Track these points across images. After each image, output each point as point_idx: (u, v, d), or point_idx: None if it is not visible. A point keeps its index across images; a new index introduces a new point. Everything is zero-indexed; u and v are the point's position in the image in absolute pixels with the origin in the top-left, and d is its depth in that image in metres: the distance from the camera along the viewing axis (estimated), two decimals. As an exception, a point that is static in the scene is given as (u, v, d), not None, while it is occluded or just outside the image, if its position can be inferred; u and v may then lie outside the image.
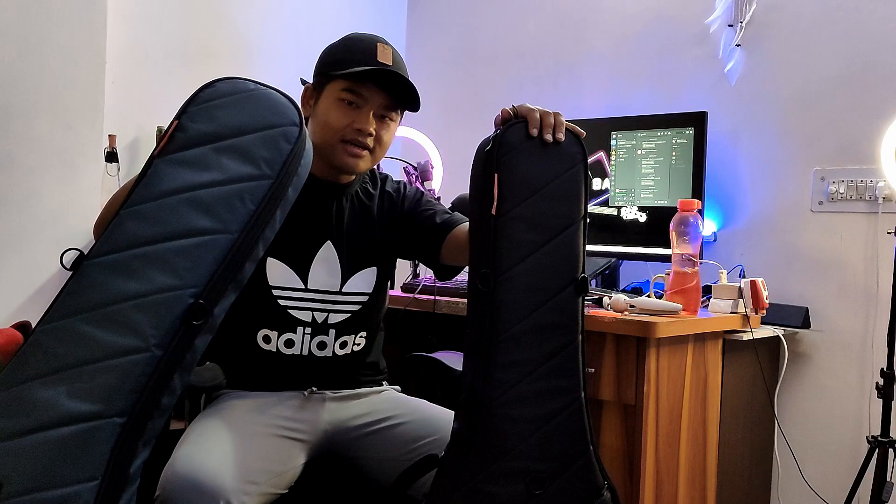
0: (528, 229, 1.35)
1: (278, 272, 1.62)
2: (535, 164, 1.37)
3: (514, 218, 1.35)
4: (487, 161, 1.36)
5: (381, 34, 1.66)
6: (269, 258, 1.61)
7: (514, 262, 1.34)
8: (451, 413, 1.42)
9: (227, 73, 2.95)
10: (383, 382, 1.79)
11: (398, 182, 1.80)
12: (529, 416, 1.34)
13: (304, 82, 1.68)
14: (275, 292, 1.61)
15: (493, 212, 1.34)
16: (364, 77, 1.56)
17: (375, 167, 1.76)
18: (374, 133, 1.59)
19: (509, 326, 1.34)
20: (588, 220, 1.41)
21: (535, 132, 1.38)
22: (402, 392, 1.80)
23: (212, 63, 2.92)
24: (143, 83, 2.76)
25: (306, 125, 1.68)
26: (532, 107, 1.40)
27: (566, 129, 1.41)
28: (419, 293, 2.30)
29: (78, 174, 2.49)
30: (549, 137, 1.38)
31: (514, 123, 1.38)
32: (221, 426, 1.52)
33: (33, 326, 1.22)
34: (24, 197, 2.39)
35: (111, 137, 2.58)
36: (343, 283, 1.66)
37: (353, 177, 1.68)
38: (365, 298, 1.69)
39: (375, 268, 1.70)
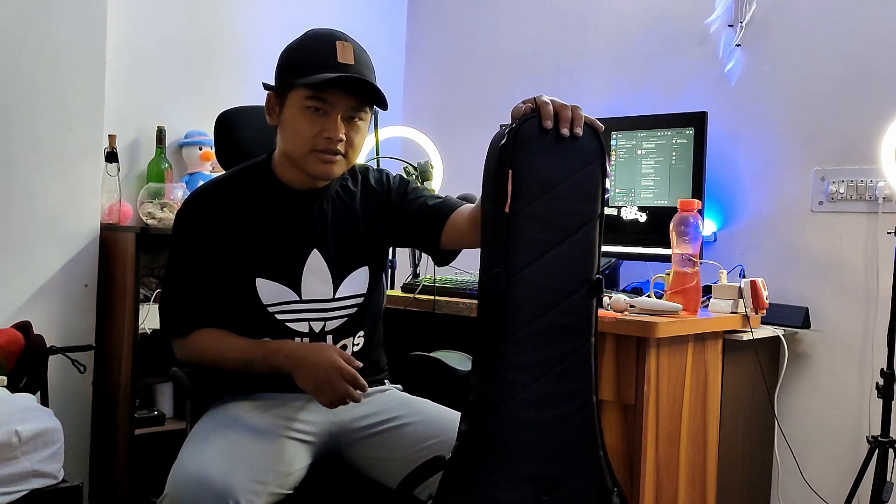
0: (543, 228, 1.31)
1: (270, 290, 1.60)
2: (551, 160, 1.31)
3: (528, 216, 1.30)
4: (502, 156, 1.30)
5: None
6: (257, 279, 1.59)
7: (527, 262, 1.30)
8: (457, 414, 1.40)
9: (227, 73, 2.97)
10: (385, 381, 1.78)
11: (380, 171, 1.75)
12: (540, 419, 1.32)
13: (266, 87, 1.62)
14: (270, 309, 1.60)
15: (507, 210, 1.29)
16: (327, 84, 1.51)
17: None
18: (343, 138, 1.54)
19: (521, 328, 1.31)
20: (604, 219, 1.37)
21: (548, 125, 1.31)
22: (403, 391, 1.79)
23: (212, 63, 2.93)
24: (143, 83, 2.77)
25: (274, 134, 1.62)
26: (548, 99, 1.33)
27: (585, 122, 1.35)
28: (419, 293, 2.30)
29: (78, 174, 2.49)
30: (565, 132, 1.31)
31: (530, 117, 1.32)
32: (227, 426, 1.52)
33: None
34: (24, 197, 2.39)
35: (111, 137, 2.58)
36: (336, 288, 1.64)
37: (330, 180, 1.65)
38: (360, 300, 1.67)
39: (367, 267, 1.68)
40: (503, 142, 1.31)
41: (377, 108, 1.60)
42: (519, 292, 1.30)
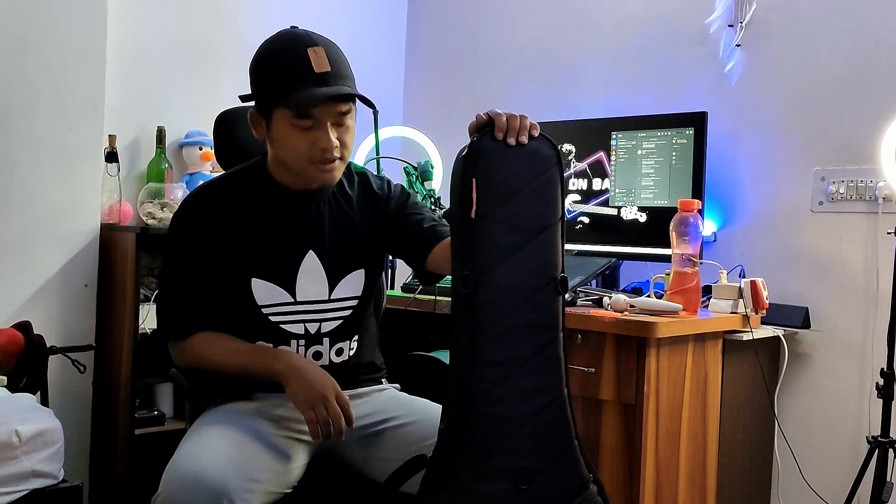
0: (507, 231, 1.40)
1: (265, 291, 1.60)
2: (510, 168, 1.41)
3: (493, 221, 1.39)
4: (465, 167, 1.40)
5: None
6: (252, 279, 1.59)
7: (495, 263, 1.39)
8: None
9: (228, 73, 2.97)
10: (382, 380, 1.78)
11: (381, 178, 1.76)
12: (515, 413, 1.39)
13: (244, 99, 1.62)
14: (265, 310, 1.60)
15: (473, 215, 1.38)
16: (310, 104, 1.51)
17: (350, 164, 1.71)
18: (337, 144, 1.55)
19: (492, 326, 1.38)
20: (566, 221, 1.46)
21: (500, 136, 1.40)
22: (401, 391, 1.79)
23: (212, 63, 2.92)
24: (143, 83, 2.77)
25: (264, 146, 1.62)
26: (500, 112, 1.43)
27: (541, 133, 1.44)
28: (419, 293, 2.30)
29: (78, 174, 2.49)
30: (511, 141, 1.40)
31: (489, 130, 1.42)
32: (224, 426, 1.52)
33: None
34: (24, 197, 2.39)
35: (111, 137, 2.58)
36: (331, 290, 1.64)
37: None
38: (355, 302, 1.67)
39: (363, 269, 1.68)
40: (465, 153, 1.42)
41: (377, 108, 1.61)
42: (488, 293, 1.39)
